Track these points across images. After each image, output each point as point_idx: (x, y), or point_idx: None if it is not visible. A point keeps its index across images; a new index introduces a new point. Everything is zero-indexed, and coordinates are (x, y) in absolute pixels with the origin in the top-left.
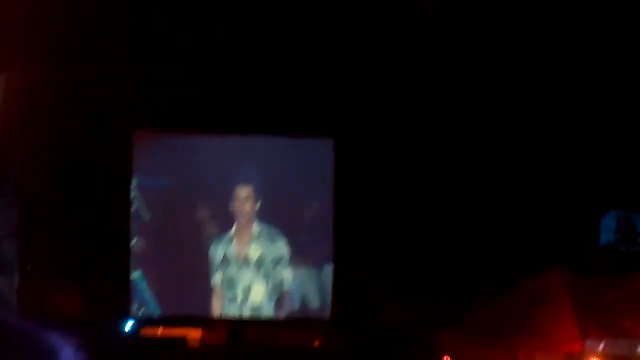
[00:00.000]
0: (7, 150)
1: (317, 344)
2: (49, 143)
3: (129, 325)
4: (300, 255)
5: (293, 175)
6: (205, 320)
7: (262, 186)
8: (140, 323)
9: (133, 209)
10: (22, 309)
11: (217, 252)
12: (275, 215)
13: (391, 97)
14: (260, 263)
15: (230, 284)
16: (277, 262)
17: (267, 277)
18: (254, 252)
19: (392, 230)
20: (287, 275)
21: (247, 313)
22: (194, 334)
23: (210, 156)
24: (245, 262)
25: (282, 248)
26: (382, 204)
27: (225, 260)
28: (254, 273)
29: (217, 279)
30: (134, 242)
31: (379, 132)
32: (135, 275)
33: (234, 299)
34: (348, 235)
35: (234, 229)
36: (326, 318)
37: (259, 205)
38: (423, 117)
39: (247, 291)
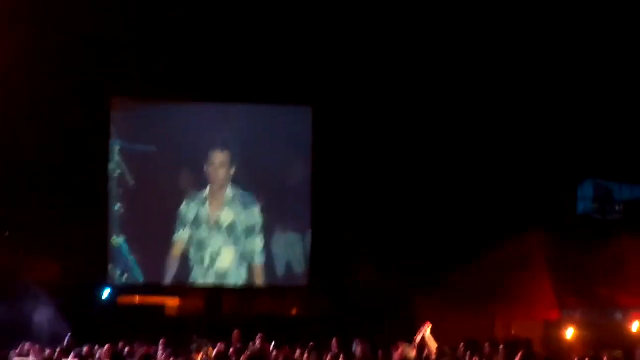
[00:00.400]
0: None
1: (294, 311)
2: (28, 109)
3: (106, 293)
4: (275, 222)
5: (270, 143)
6: (182, 289)
7: (238, 152)
8: (118, 290)
9: (116, 174)
10: (1, 275)
11: (189, 211)
12: (251, 182)
13: (368, 65)
14: (231, 229)
15: (198, 245)
16: (249, 230)
17: (236, 244)
18: (226, 216)
19: (369, 196)
20: (259, 243)
21: (211, 278)
22: (172, 302)
23: (189, 122)
24: (216, 225)
25: (255, 215)
26: (359, 171)
27: (196, 221)
28: (225, 238)
29: (183, 236)
30: (117, 207)
31: (356, 100)
32: (119, 240)
33: (200, 262)
34: (326, 202)
35: (207, 191)
36: (303, 285)
37: (233, 170)
38: (402, 83)
39: (215, 256)
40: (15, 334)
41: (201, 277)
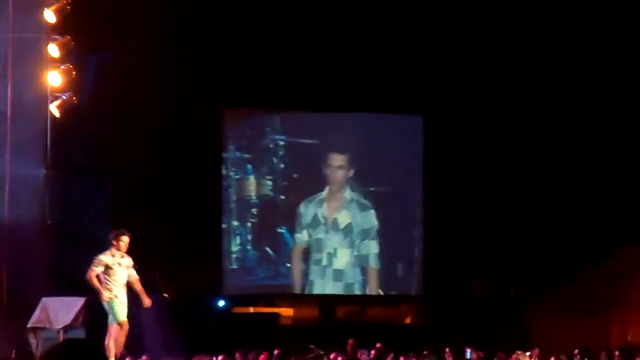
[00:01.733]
0: (100, 129)
1: (408, 320)
2: (140, 122)
3: (221, 303)
4: (389, 227)
5: (385, 150)
6: (296, 296)
7: (356, 156)
8: (232, 301)
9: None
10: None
11: (307, 211)
12: (367, 186)
13: (479, 77)
14: (348, 230)
15: (317, 245)
16: (366, 232)
17: (352, 246)
18: (344, 218)
19: (480, 206)
20: (374, 247)
21: (329, 277)
22: (286, 311)
23: (308, 129)
24: (333, 226)
25: (372, 218)
26: (471, 179)
27: (315, 221)
28: (341, 239)
29: (303, 237)
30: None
31: (467, 110)
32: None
33: (319, 262)
34: (437, 211)
35: (325, 192)
36: (417, 294)
37: (351, 173)
38: (512, 97)
39: (332, 255)
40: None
41: (319, 277)
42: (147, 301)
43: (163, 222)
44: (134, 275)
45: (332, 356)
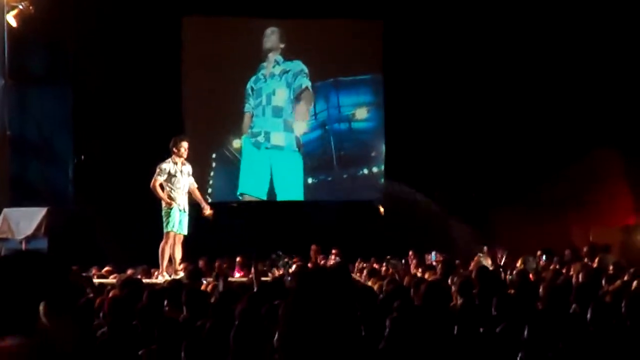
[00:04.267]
0: (59, 38)
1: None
2: (99, 30)
3: None
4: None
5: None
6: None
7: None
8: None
9: None
10: (77, 198)
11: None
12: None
13: None
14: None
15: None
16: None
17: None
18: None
19: (443, 109)
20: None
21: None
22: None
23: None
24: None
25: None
26: (434, 80)
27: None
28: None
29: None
30: None
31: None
32: None
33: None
34: (398, 116)
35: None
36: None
37: None
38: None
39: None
40: None
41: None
42: (208, 209)
43: (124, 131)
44: (194, 184)
45: (294, 260)
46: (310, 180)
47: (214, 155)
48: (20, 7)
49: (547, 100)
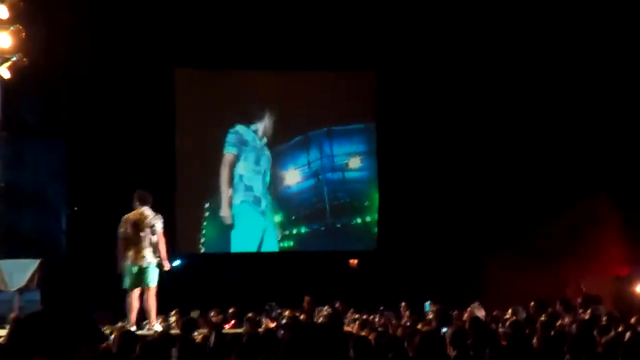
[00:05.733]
0: (52, 89)
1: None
2: (93, 81)
3: (176, 263)
4: None
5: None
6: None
7: None
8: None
9: None
10: (70, 249)
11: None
12: None
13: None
14: None
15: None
16: None
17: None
18: None
19: (437, 157)
20: None
21: None
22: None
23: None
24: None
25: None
26: (426, 130)
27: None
28: None
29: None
30: None
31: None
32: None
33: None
34: (393, 164)
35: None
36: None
37: None
38: (466, 54)
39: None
40: None
41: None
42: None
43: (117, 181)
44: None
45: (287, 312)
46: (303, 230)
47: (206, 205)
48: (14, 59)
49: (540, 149)
